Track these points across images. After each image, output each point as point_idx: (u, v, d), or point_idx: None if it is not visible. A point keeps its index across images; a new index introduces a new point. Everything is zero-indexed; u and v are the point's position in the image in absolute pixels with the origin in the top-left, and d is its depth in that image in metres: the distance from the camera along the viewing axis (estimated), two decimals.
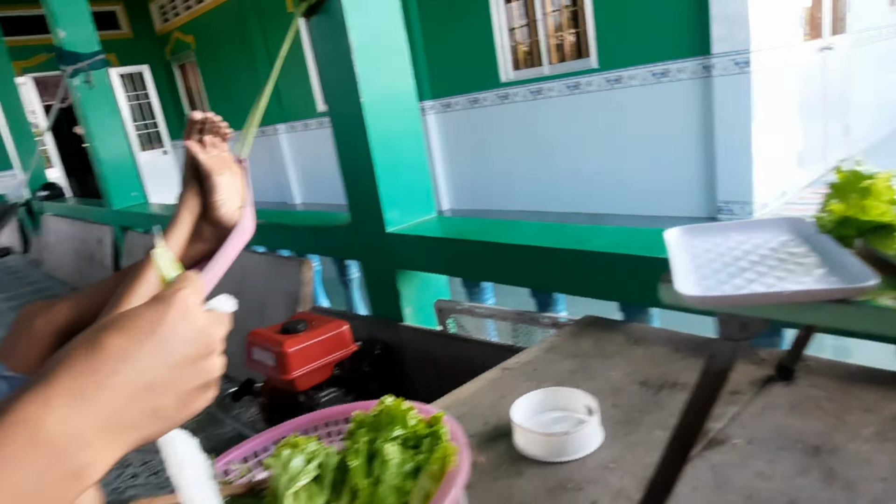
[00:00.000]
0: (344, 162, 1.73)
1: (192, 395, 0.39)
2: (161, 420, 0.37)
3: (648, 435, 0.85)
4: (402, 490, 0.57)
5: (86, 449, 0.33)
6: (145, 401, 0.36)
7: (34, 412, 0.33)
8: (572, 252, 1.30)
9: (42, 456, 0.32)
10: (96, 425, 0.34)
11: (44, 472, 0.32)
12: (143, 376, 0.36)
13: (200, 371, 0.39)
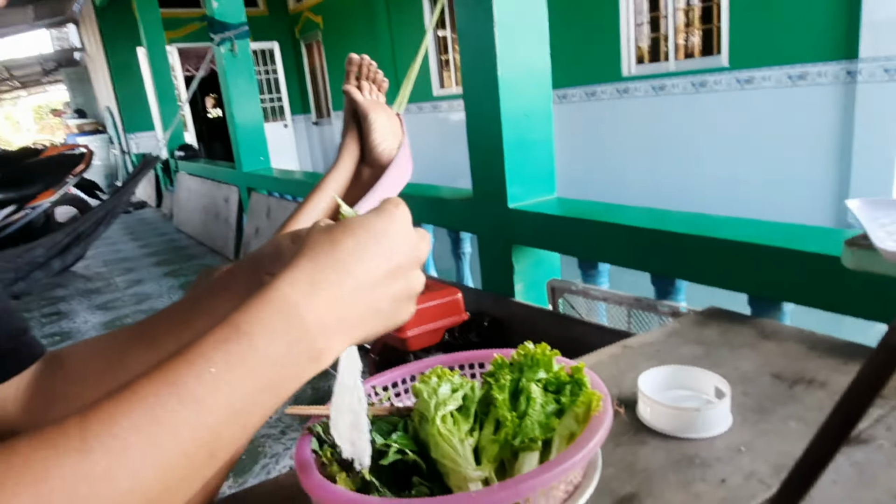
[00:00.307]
0: (473, 136, 1.77)
1: (402, 304, 0.44)
2: (378, 321, 0.42)
3: (783, 425, 0.83)
4: (547, 427, 0.60)
5: (326, 334, 0.38)
6: (370, 299, 0.41)
7: (289, 292, 0.37)
8: (701, 239, 1.26)
9: (293, 331, 0.36)
10: (335, 315, 0.38)
11: (292, 346, 0.36)
12: (370, 276, 0.40)
13: (410, 281, 0.44)
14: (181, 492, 0.31)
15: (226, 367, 0.33)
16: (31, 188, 4.49)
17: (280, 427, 2.15)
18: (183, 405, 0.31)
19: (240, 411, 0.33)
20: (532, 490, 0.51)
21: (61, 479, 0.27)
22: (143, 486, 0.29)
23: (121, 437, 0.29)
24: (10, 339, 0.60)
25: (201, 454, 0.32)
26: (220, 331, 0.35)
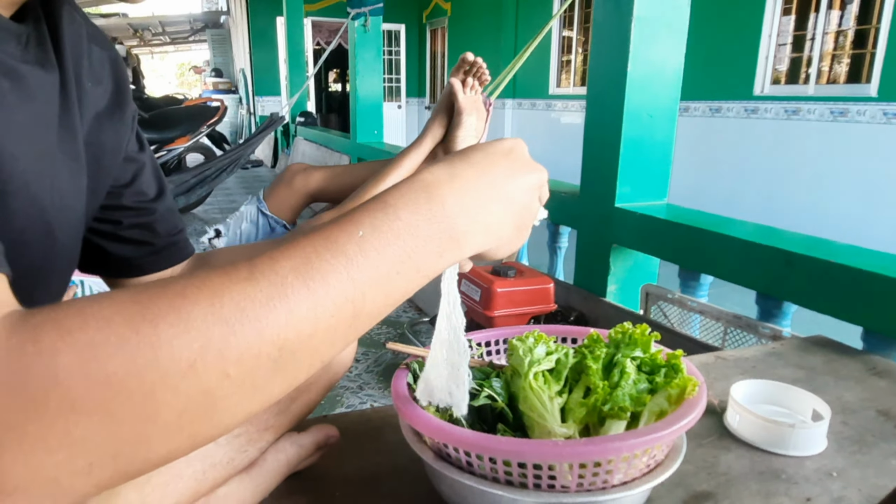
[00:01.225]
0: (591, 130, 1.77)
1: (525, 221, 0.47)
2: (507, 227, 0.45)
3: (882, 460, 0.78)
4: (638, 401, 0.61)
5: (463, 216, 0.41)
6: (503, 198, 0.44)
7: (430, 179, 0.41)
8: (819, 262, 1.20)
9: (434, 207, 0.40)
10: (471, 202, 0.42)
11: (432, 221, 0.39)
12: (501, 178, 0.45)
13: (533, 201, 0.48)
14: (326, 343, 0.35)
15: (373, 232, 0.36)
16: (171, 133, 4.93)
17: (359, 382, 2.26)
18: (335, 258, 0.35)
19: (383, 275, 0.36)
20: (617, 451, 0.53)
21: (230, 298, 0.31)
22: (296, 321, 0.33)
23: (281, 275, 0.33)
24: (170, 234, 0.70)
25: (346, 309, 0.35)
26: (371, 203, 0.39)
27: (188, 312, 0.30)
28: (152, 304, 0.30)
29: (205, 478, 0.59)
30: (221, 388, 0.31)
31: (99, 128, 0.61)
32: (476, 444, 0.55)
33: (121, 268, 0.71)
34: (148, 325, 0.29)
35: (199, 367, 0.29)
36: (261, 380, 0.32)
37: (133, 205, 0.69)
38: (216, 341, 0.30)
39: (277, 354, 0.32)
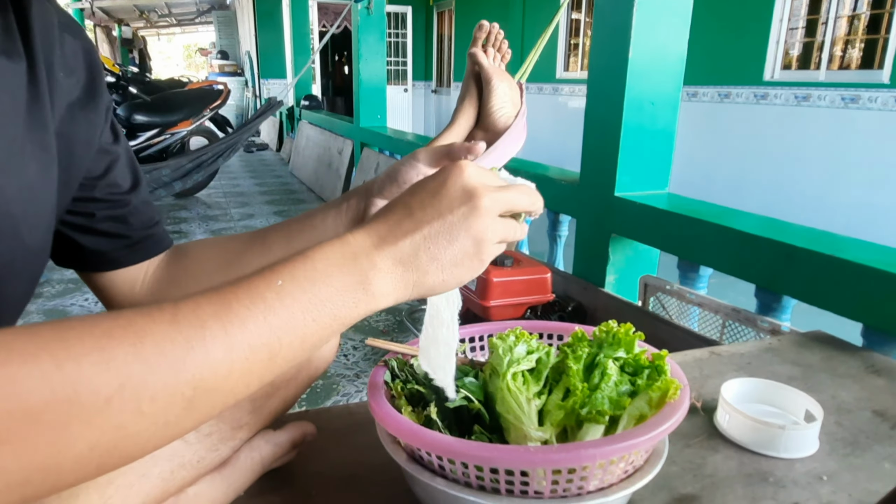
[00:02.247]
0: (591, 117, 1.73)
1: (466, 257, 0.45)
2: (438, 272, 0.45)
3: (876, 463, 0.76)
4: (618, 404, 0.59)
5: (377, 272, 0.42)
6: (424, 249, 0.44)
7: (349, 237, 0.44)
8: (822, 256, 1.16)
9: (348, 263, 0.42)
10: (386, 258, 0.43)
11: (346, 275, 0.41)
12: (423, 226, 0.44)
13: (472, 231, 0.45)
14: (241, 384, 0.37)
15: (290, 280, 0.39)
16: (174, 116, 4.91)
17: (355, 370, 2.25)
18: (254, 304, 0.37)
19: (299, 322, 0.38)
20: (592, 458, 0.51)
21: (152, 340, 0.33)
22: (212, 363, 0.35)
23: (202, 319, 0.35)
24: (145, 227, 0.69)
25: (262, 353, 0.37)
26: (294, 256, 0.41)
27: (111, 352, 0.32)
28: (78, 343, 0.31)
29: (172, 478, 0.58)
30: (134, 423, 0.32)
31: (71, 119, 0.60)
32: (447, 449, 0.53)
33: (96, 262, 0.69)
34: (72, 363, 0.30)
35: (115, 403, 0.31)
36: (173, 416, 0.34)
37: (106, 197, 0.67)
38: (135, 380, 0.32)
39: (192, 394, 0.34)
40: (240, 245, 0.69)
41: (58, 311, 3.02)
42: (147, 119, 4.87)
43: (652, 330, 1.54)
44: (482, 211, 0.45)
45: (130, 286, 0.69)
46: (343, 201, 0.68)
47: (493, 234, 0.46)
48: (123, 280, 0.69)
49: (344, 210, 0.67)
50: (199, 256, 0.71)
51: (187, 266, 0.70)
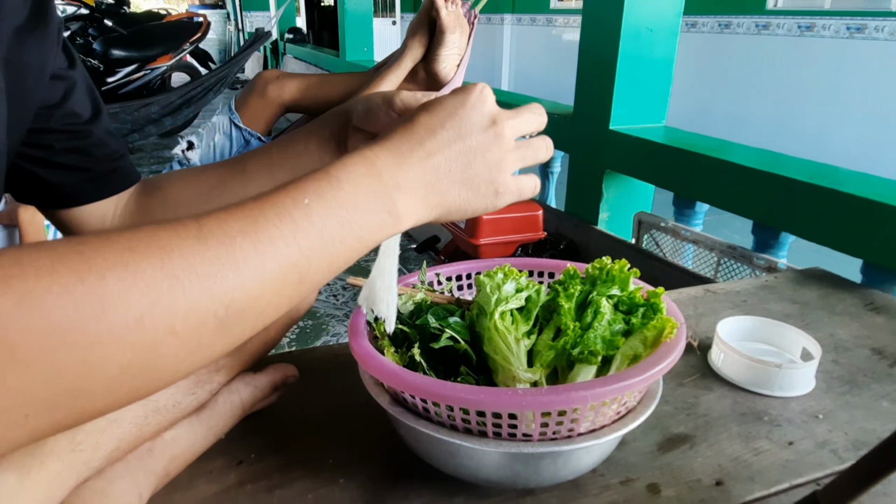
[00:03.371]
0: (585, 46, 1.64)
1: (483, 184, 0.45)
2: (457, 195, 0.44)
3: (873, 402, 0.75)
4: (611, 344, 0.56)
5: (402, 192, 0.41)
6: (445, 171, 0.43)
7: (370, 154, 0.42)
8: (821, 189, 1.12)
9: (374, 183, 0.40)
10: (410, 178, 0.42)
11: (372, 195, 0.40)
12: (445, 148, 0.43)
13: (490, 158, 0.45)
14: (272, 305, 0.35)
15: (317, 200, 0.37)
16: (152, 50, 4.69)
17: (345, 311, 2.24)
18: (282, 222, 0.35)
19: (327, 242, 0.37)
20: (582, 401, 0.48)
21: (180, 255, 0.31)
22: (243, 281, 0.33)
23: (230, 235, 0.33)
24: (110, 160, 0.64)
25: (293, 273, 0.36)
26: (316, 174, 0.39)
27: (136, 265, 0.30)
28: (98, 256, 0.29)
29: (146, 423, 0.55)
30: (167, 344, 0.30)
31: (20, 45, 0.54)
32: (431, 392, 0.50)
33: (58, 197, 0.65)
34: (94, 276, 0.28)
35: (146, 321, 0.29)
36: (206, 337, 0.32)
37: (65, 128, 0.62)
38: (165, 297, 0.30)
39: (224, 313, 0.32)
40: (218, 175, 0.66)
41: None
42: (124, 54, 4.66)
43: (645, 268, 1.52)
44: (503, 139, 0.46)
45: (99, 222, 0.66)
46: (323, 127, 0.65)
47: (510, 164, 0.47)
48: (90, 216, 0.66)
49: (326, 137, 0.64)
50: (174, 188, 0.67)
51: (162, 198, 0.66)
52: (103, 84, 4.63)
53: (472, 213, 0.47)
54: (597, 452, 0.56)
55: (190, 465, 0.61)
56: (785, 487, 0.60)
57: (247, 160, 0.66)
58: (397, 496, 0.58)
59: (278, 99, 1.10)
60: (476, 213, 0.46)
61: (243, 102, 1.12)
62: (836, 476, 0.53)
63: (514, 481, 0.55)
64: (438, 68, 0.92)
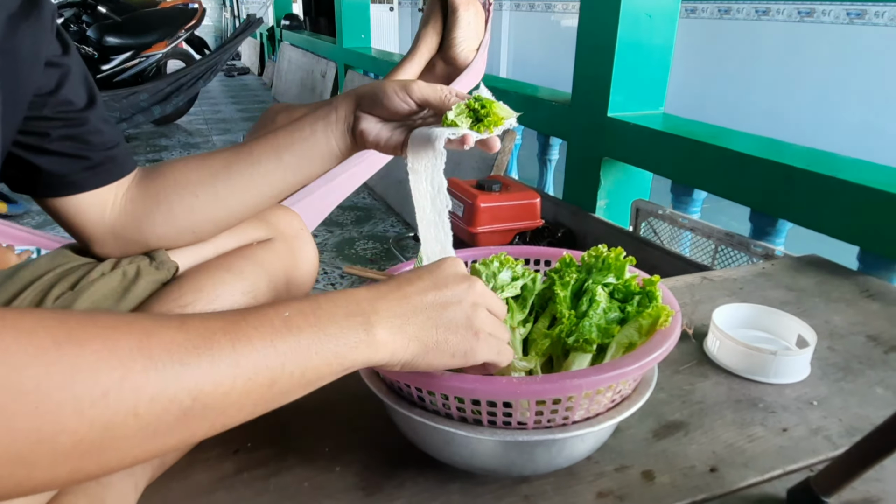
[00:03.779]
0: (584, 31, 1.62)
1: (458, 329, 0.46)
2: (434, 334, 0.46)
3: (867, 388, 0.75)
4: (606, 332, 0.56)
5: (379, 317, 0.43)
6: (422, 309, 0.46)
7: (350, 290, 0.45)
8: (820, 177, 1.12)
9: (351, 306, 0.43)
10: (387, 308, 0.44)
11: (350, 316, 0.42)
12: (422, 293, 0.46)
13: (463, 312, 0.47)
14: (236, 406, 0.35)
15: (297, 313, 0.39)
16: (147, 38, 4.65)
17: None
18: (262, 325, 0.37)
19: (302, 349, 0.38)
20: (577, 389, 0.48)
21: (159, 339, 0.32)
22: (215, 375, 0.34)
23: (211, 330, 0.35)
24: (106, 148, 0.63)
25: (264, 375, 0.36)
26: (299, 298, 0.42)
27: (115, 342, 0.30)
28: (80, 328, 0.30)
29: None
30: (125, 425, 0.30)
31: (13, 32, 0.54)
32: (425, 382, 0.50)
33: (55, 185, 0.64)
34: (72, 345, 0.29)
35: (111, 398, 0.29)
36: (164, 426, 0.32)
37: (59, 115, 0.61)
38: (136, 376, 0.30)
39: (190, 404, 0.32)
40: (224, 159, 0.66)
41: None
42: (119, 41, 4.62)
43: (643, 256, 1.52)
44: (476, 287, 0.49)
45: (99, 212, 0.65)
46: (330, 111, 0.64)
47: (483, 315, 0.48)
48: (90, 206, 0.65)
49: (333, 121, 0.64)
50: (177, 173, 0.67)
51: (167, 182, 0.66)
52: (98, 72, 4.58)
53: (451, 357, 0.47)
54: (592, 440, 0.56)
55: (186, 453, 0.61)
56: (779, 474, 0.60)
57: (253, 145, 0.66)
58: (393, 484, 0.58)
59: None
60: (455, 356, 0.46)
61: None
62: (830, 462, 0.54)
63: (509, 469, 0.56)
64: (456, 52, 0.88)
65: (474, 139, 0.57)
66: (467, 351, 0.47)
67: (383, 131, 0.63)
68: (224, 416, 0.35)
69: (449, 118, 0.56)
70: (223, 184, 0.65)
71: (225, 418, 0.35)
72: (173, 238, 0.66)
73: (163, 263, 0.63)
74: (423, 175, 0.58)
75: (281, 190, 0.66)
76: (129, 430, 0.30)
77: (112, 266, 0.62)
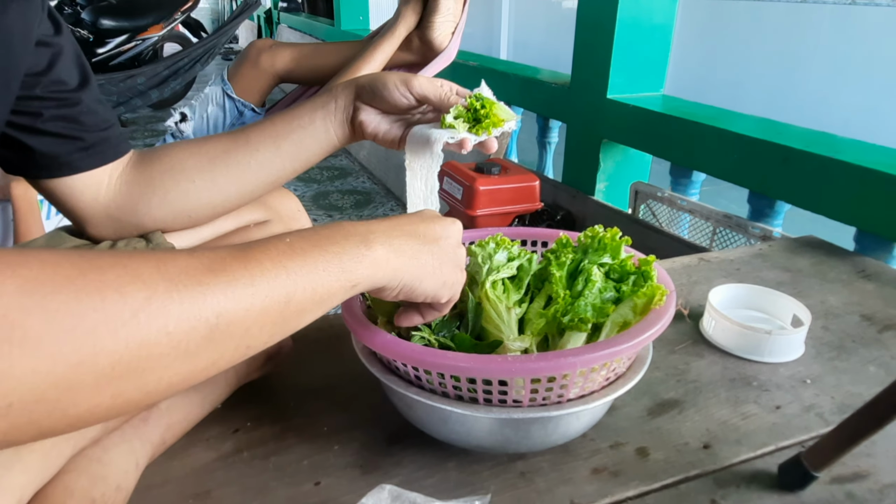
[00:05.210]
0: (583, 14, 1.61)
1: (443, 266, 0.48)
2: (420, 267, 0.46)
3: (861, 367, 0.76)
4: (601, 311, 0.56)
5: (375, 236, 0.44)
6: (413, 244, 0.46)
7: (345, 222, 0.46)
8: (818, 158, 1.12)
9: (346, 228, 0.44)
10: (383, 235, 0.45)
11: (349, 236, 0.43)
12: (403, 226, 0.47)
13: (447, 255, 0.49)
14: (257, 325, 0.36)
15: (297, 238, 0.41)
16: (143, 20, 4.60)
17: None
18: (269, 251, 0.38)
19: (310, 268, 0.39)
20: (571, 367, 0.49)
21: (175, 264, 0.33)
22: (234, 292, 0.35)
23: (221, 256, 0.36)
24: (100, 129, 0.63)
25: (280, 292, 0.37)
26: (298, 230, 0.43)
27: (136, 267, 0.31)
28: (99, 258, 0.31)
29: None
30: (159, 343, 0.31)
31: (4, 11, 0.53)
32: (422, 361, 0.51)
33: (48, 166, 0.64)
34: (95, 271, 0.30)
35: (141, 317, 0.30)
36: (194, 344, 0.33)
37: (52, 95, 0.61)
38: (161, 296, 0.31)
39: (215, 321, 0.33)
40: (221, 145, 0.66)
41: None
42: (115, 24, 4.57)
43: (642, 238, 1.52)
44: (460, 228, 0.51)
45: (93, 193, 0.65)
46: (330, 100, 0.64)
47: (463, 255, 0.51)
48: (85, 186, 0.65)
49: (333, 110, 0.64)
50: (176, 159, 0.67)
51: (162, 168, 0.66)
52: (93, 55, 4.54)
53: (443, 285, 0.49)
54: (587, 417, 0.57)
55: (186, 433, 0.62)
56: (771, 450, 0.61)
57: (250, 131, 0.66)
58: (391, 462, 0.59)
59: (271, 69, 1.08)
60: (446, 285, 0.49)
61: (236, 72, 1.10)
62: (820, 438, 0.55)
63: (505, 446, 0.56)
64: (433, 36, 0.91)
65: (472, 143, 0.58)
66: (454, 283, 0.49)
67: (382, 124, 0.63)
68: (248, 336, 0.36)
69: (447, 121, 0.57)
70: (221, 171, 0.65)
71: (249, 338, 0.36)
72: (169, 222, 0.66)
73: (159, 245, 0.64)
74: (419, 174, 0.59)
75: (278, 177, 0.66)
76: (162, 348, 0.31)
77: (108, 248, 0.62)
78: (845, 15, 4.58)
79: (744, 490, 0.56)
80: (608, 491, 0.55)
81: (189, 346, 0.33)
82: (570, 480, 0.56)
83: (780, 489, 0.56)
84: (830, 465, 0.53)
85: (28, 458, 0.46)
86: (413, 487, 0.51)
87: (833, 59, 4.68)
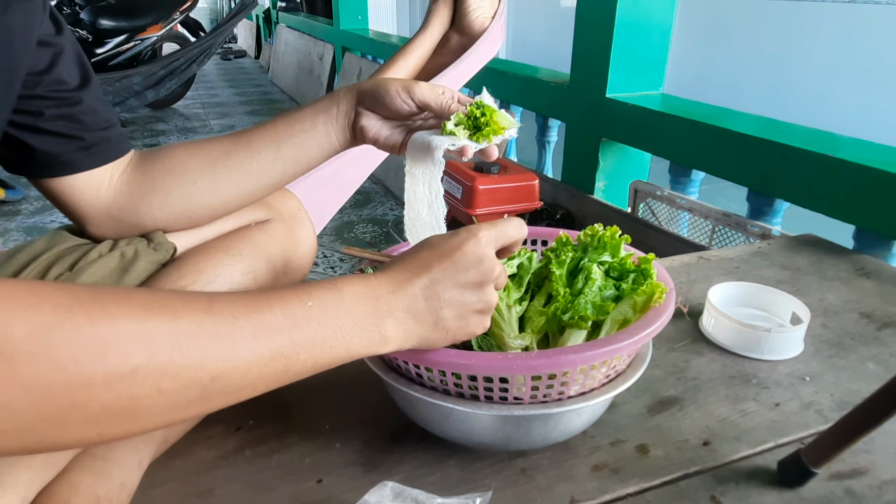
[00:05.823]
0: (582, 12, 1.61)
1: (470, 317, 0.48)
2: (442, 328, 0.47)
3: (859, 364, 0.76)
4: (601, 309, 0.56)
5: (392, 319, 0.45)
6: (434, 303, 0.47)
7: (373, 280, 0.46)
8: (817, 156, 1.12)
9: (370, 305, 0.44)
10: (400, 308, 0.46)
11: (368, 316, 0.44)
12: (436, 285, 0.47)
13: (479, 297, 0.48)
14: (250, 387, 0.38)
15: (320, 305, 0.42)
16: (142, 20, 4.60)
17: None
18: (284, 316, 0.39)
19: (318, 342, 0.41)
20: (572, 364, 0.49)
21: (187, 322, 0.35)
22: (234, 359, 0.36)
23: (235, 315, 0.37)
24: (100, 129, 0.63)
25: (280, 362, 0.39)
26: (324, 282, 0.44)
27: (146, 323, 0.33)
28: (114, 306, 0.32)
29: None
30: (149, 398, 0.33)
31: (5, 10, 0.53)
32: (423, 359, 0.51)
33: (49, 165, 0.65)
34: (106, 323, 0.31)
35: (139, 374, 0.32)
36: (184, 401, 0.35)
37: (52, 94, 0.61)
38: (163, 356, 0.33)
39: (209, 383, 0.35)
40: (223, 147, 0.66)
41: (38, 228, 2.96)
42: (114, 24, 4.57)
43: (641, 237, 1.52)
44: (492, 278, 0.49)
45: (94, 193, 0.65)
46: (332, 104, 0.64)
47: (494, 299, 0.50)
48: (85, 186, 0.65)
49: (334, 115, 0.64)
50: (175, 159, 0.67)
51: (164, 167, 0.66)
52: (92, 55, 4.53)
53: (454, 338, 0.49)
54: (587, 415, 0.57)
55: (189, 431, 0.62)
56: (770, 447, 0.61)
57: (251, 134, 0.66)
58: (393, 459, 0.59)
59: None
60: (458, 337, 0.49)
61: None
62: (819, 435, 0.55)
63: (506, 443, 0.57)
64: (471, 19, 0.84)
65: (473, 150, 0.58)
66: (473, 333, 0.50)
67: (383, 129, 0.63)
68: (239, 394, 0.38)
69: (448, 128, 0.57)
70: (222, 173, 0.65)
71: (240, 395, 0.38)
72: (170, 222, 0.66)
73: (160, 245, 0.64)
74: (420, 180, 0.59)
75: (279, 180, 0.67)
76: (152, 402, 0.33)
77: (110, 247, 0.62)
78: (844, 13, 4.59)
79: (743, 486, 0.56)
80: (608, 488, 0.56)
81: (178, 402, 0.35)
82: (570, 477, 0.57)
83: (779, 485, 0.56)
84: (829, 462, 0.53)
85: (33, 456, 0.46)
86: (415, 484, 0.51)
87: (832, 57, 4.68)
